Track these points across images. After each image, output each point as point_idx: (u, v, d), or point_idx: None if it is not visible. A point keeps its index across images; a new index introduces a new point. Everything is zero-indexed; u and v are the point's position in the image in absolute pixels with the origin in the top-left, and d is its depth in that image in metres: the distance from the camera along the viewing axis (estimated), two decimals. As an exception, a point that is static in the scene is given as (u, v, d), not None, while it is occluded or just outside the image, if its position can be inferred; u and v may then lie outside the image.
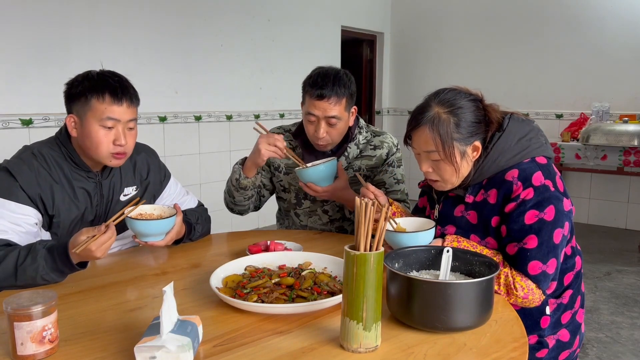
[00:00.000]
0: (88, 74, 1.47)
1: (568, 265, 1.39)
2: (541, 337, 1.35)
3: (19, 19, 3.06)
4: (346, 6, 5.56)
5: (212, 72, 4.23)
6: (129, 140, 1.49)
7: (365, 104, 6.33)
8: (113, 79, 1.45)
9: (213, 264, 1.40)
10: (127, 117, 1.46)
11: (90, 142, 1.44)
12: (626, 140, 4.25)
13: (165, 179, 1.73)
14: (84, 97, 1.43)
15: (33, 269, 1.27)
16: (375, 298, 0.93)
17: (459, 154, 1.30)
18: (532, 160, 1.30)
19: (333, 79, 1.71)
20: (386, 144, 1.87)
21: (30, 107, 3.16)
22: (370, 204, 0.95)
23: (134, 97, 1.48)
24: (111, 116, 1.43)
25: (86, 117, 1.43)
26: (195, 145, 4.17)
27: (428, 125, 1.29)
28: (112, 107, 1.43)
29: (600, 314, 3.04)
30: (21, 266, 1.27)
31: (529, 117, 1.42)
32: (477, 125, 1.31)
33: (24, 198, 1.39)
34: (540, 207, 1.24)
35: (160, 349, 0.86)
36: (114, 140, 1.45)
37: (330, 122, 1.73)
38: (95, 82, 1.44)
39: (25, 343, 0.92)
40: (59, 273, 1.31)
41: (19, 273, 1.27)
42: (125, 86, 1.47)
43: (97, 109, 1.42)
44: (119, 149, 1.46)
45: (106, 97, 1.42)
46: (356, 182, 1.85)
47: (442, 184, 1.37)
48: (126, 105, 1.45)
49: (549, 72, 5.23)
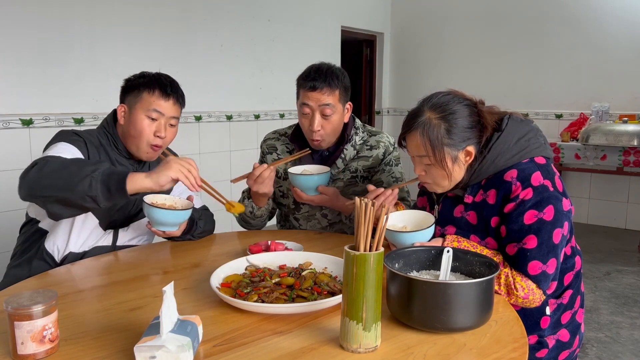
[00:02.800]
0: (144, 72, 1.64)
1: (568, 265, 1.39)
2: (541, 337, 1.35)
3: (19, 19, 3.06)
4: (346, 6, 5.56)
5: (212, 72, 4.23)
6: (169, 135, 1.62)
7: (365, 104, 6.33)
8: (166, 79, 1.61)
9: (213, 263, 1.40)
10: (171, 113, 1.60)
11: (135, 130, 1.57)
12: (626, 140, 4.25)
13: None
14: (137, 90, 1.58)
15: (90, 169, 1.30)
16: (375, 298, 0.93)
17: (451, 159, 1.30)
18: (531, 161, 1.30)
19: (326, 71, 1.73)
20: (382, 144, 1.87)
21: (30, 107, 3.16)
22: (370, 204, 0.95)
23: (181, 97, 1.64)
24: (157, 109, 1.57)
25: (135, 107, 1.58)
26: (195, 145, 4.17)
27: (419, 130, 1.30)
28: (160, 100, 1.57)
29: (600, 313, 3.04)
30: (80, 162, 1.35)
31: (529, 117, 1.42)
32: (469, 130, 1.31)
33: (84, 148, 1.52)
34: (540, 207, 1.24)
35: (160, 348, 0.86)
36: (155, 132, 1.58)
37: (324, 112, 1.72)
38: (150, 79, 1.60)
39: (25, 342, 0.92)
40: (106, 189, 1.30)
41: (73, 165, 1.32)
42: (175, 86, 1.63)
43: (146, 100, 1.57)
44: (158, 140, 1.59)
45: (156, 92, 1.57)
46: (353, 184, 1.85)
47: (434, 187, 1.38)
48: (172, 102, 1.60)
49: (548, 72, 5.23)
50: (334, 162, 1.85)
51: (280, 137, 1.97)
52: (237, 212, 1.64)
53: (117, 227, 1.65)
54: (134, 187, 1.32)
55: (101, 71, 3.45)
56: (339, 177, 1.85)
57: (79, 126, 3.33)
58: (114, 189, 1.30)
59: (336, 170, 1.85)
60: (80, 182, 1.28)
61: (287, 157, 1.85)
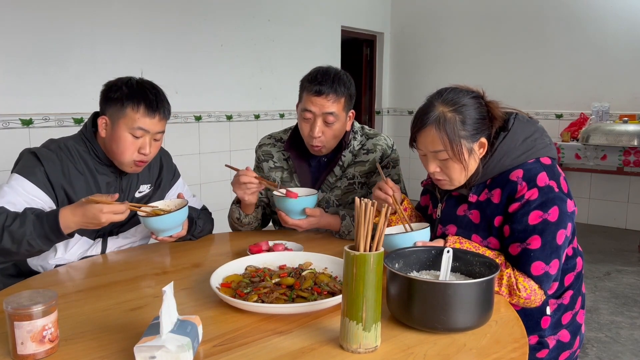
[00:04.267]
0: (128, 80, 1.53)
1: (569, 266, 1.39)
2: (541, 337, 1.35)
3: (19, 19, 3.06)
4: (346, 6, 5.56)
5: (212, 72, 4.22)
6: (153, 150, 1.56)
7: (365, 104, 6.33)
8: (151, 91, 1.52)
9: (213, 263, 1.40)
10: (156, 129, 1.53)
11: (117, 147, 1.51)
12: (626, 140, 4.25)
13: (174, 178, 1.78)
14: (120, 104, 1.49)
15: (20, 232, 1.32)
16: (375, 298, 0.93)
17: (467, 151, 1.30)
18: (537, 161, 1.30)
19: (333, 76, 1.67)
20: (379, 147, 1.81)
21: (30, 107, 3.16)
22: (370, 204, 0.95)
23: (167, 110, 1.55)
24: (142, 127, 1.49)
25: (118, 123, 1.50)
26: (195, 145, 4.17)
27: (434, 125, 1.29)
28: (145, 118, 1.49)
29: (600, 313, 3.04)
30: (8, 228, 1.32)
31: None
32: (481, 121, 1.31)
33: (44, 183, 1.46)
34: (545, 208, 1.24)
35: (160, 348, 0.86)
36: (139, 148, 1.51)
37: (327, 120, 1.67)
38: (133, 91, 1.50)
39: (25, 342, 0.92)
40: (46, 240, 1.35)
41: (5, 235, 1.32)
42: (161, 99, 1.53)
43: (130, 117, 1.49)
44: (142, 157, 1.53)
45: (141, 108, 1.49)
46: (351, 191, 1.81)
47: (448, 183, 1.37)
48: (158, 119, 1.52)
49: (548, 72, 5.23)
50: (332, 170, 1.80)
51: (277, 143, 1.90)
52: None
53: (106, 235, 1.62)
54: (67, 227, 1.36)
55: (101, 71, 3.45)
56: (336, 185, 1.81)
57: (78, 126, 3.33)
58: (49, 231, 1.34)
59: (334, 178, 1.81)
60: (11, 240, 1.33)
61: (273, 183, 1.71)
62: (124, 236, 1.65)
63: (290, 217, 1.64)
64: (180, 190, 1.77)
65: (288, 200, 1.61)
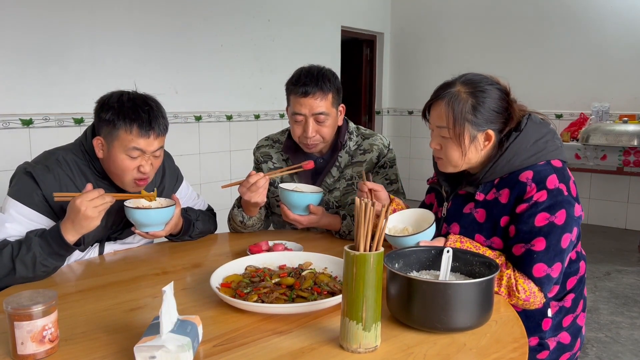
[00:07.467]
0: (120, 97, 1.45)
1: (572, 270, 1.38)
2: (542, 339, 1.35)
3: (19, 19, 3.06)
4: (346, 6, 5.56)
5: (212, 72, 4.22)
6: (155, 164, 1.51)
7: (365, 104, 6.33)
8: (143, 109, 1.43)
9: (213, 263, 1.40)
10: (153, 148, 1.47)
11: (115, 168, 1.46)
12: (626, 140, 4.25)
13: (177, 182, 1.75)
14: (112, 125, 1.42)
15: (30, 257, 1.29)
16: (375, 298, 0.93)
17: (469, 137, 1.30)
18: (548, 163, 1.29)
19: (317, 75, 1.68)
20: (376, 147, 1.81)
21: (30, 107, 3.16)
22: (370, 204, 0.95)
23: (162, 126, 1.47)
24: (137, 147, 1.43)
25: (113, 145, 1.44)
26: (195, 145, 4.17)
27: (446, 100, 1.31)
28: (139, 139, 1.43)
29: (600, 314, 3.04)
30: (17, 257, 1.29)
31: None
32: (496, 114, 1.31)
33: (43, 206, 1.41)
34: (552, 210, 1.23)
35: (160, 348, 0.86)
36: (138, 167, 1.46)
37: (318, 119, 1.68)
38: (125, 110, 1.42)
39: (25, 342, 0.92)
40: (57, 256, 1.33)
41: (18, 265, 1.29)
42: (155, 116, 1.45)
43: (124, 138, 1.42)
44: (143, 175, 1.48)
45: (134, 129, 1.42)
46: (350, 192, 1.81)
47: (446, 165, 1.37)
48: (153, 137, 1.45)
49: (548, 72, 5.23)
50: (329, 171, 1.80)
51: (275, 145, 1.91)
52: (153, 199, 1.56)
53: (103, 241, 1.60)
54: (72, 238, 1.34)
55: (101, 71, 3.45)
56: (335, 186, 1.81)
57: (78, 126, 3.33)
58: (57, 247, 1.33)
59: (331, 180, 1.81)
60: (25, 268, 1.31)
61: (284, 167, 1.75)
62: (121, 242, 1.64)
63: (292, 211, 1.65)
64: (185, 193, 1.76)
65: (293, 195, 1.62)
